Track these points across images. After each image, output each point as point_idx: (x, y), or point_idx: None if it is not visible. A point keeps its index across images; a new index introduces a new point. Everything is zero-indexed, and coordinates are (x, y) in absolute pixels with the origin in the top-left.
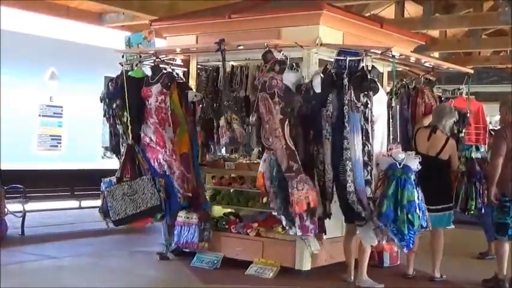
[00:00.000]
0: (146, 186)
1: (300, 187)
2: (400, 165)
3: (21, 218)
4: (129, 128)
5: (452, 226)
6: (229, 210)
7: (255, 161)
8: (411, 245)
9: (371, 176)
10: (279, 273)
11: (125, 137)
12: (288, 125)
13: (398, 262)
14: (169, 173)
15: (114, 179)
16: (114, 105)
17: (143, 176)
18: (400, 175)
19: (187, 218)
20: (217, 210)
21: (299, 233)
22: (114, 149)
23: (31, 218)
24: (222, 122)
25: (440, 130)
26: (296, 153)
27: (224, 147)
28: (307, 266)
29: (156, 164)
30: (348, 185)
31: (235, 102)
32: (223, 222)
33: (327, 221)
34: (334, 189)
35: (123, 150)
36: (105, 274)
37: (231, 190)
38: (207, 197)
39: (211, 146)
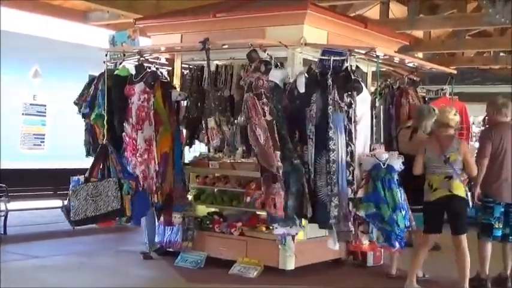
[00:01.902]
0: (111, 189)
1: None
2: (384, 165)
3: (3, 218)
4: (106, 127)
5: None
6: (213, 209)
7: (239, 161)
8: (403, 243)
9: (353, 176)
10: (263, 272)
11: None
12: (276, 126)
13: (382, 262)
14: (142, 173)
15: (82, 178)
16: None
17: (110, 178)
18: (384, 175)
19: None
20: (201, 210)
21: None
22: (92, 148)
23: (14, 218)
24: (212, 123)
25: (422, 131)
26: (279, 155)
27: (213, 148)
28: (290, 265)
29: (132, 163)
30: (333, 187)
31: (220, 102)
32: (207, 222)
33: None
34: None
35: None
36: (89, 274)
37: (215, 189)
38: (189, 197)
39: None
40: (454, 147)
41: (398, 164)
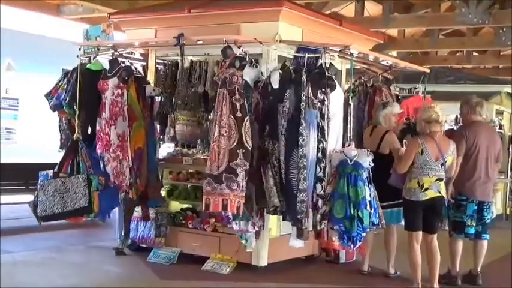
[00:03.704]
0: (79, 186)
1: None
2: (351, 161)
3: None
4: (77, 122)
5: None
6: (186, 205)
7: None
8: (358, 242)
9: (323, 172)
10: (236, 268)
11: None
12: (246, 123)
13: (354, 258)
14: (114, 169)
15: (51, 173)
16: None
17: (79, 174)
18: (350, 171)
19: None
20: (175, 206)
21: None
22: (63, 143)
23: None
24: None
25: (378, 123)
26: (251, 153)
27: (170, 140)
28: (263, 261)
29: (104, 159)
30: (300, 182)
31: (192, 98)
32: (181, 218)
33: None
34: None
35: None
36: (61, 269)
37: (189, 185)
38: (162, 193)
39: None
40: (451, 151)
41: (367, 161)
